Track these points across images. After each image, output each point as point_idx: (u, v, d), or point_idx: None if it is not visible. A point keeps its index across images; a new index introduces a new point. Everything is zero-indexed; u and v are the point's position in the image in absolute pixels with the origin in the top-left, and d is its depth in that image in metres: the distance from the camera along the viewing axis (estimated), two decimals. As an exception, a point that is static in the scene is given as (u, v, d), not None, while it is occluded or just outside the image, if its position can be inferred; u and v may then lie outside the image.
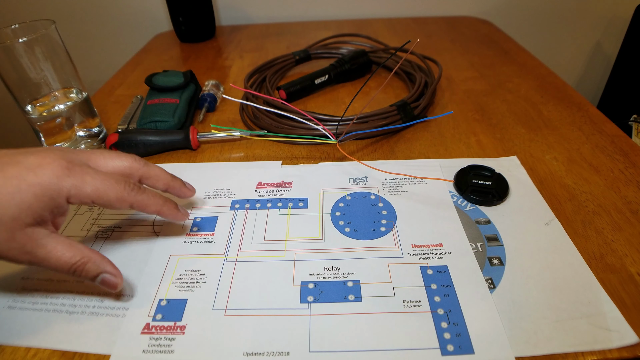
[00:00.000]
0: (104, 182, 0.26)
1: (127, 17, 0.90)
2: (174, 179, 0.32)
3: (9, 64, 0.37)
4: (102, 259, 0.27)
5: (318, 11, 0.89)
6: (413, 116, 0.46)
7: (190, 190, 0.34)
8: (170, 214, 0.30)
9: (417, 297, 0.28)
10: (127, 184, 0.27)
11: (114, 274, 0.27)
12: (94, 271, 0.26)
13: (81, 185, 0.25)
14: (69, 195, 0.25)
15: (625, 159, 0.41)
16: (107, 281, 0.26)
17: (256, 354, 0.25)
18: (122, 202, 0.27)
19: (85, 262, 0.25)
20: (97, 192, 0.26)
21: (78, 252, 0.25)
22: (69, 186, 0.25)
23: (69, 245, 0.25)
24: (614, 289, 0.28)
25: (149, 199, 0.28)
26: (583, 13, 0.89)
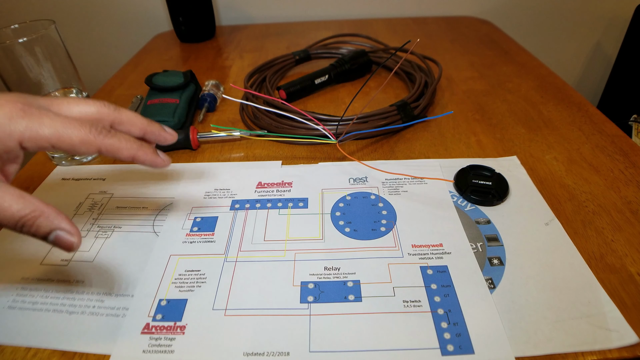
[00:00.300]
0: (65, 124, 0.23)
1: (127, 17, 0.90)
2: (151, 123, 0.28)
3: (9, 64, 0.37)
4: (58, 213, 0.23)
5: (318, 11, 0.89)
6: (413, 116, 0.46)
7: (171, 135, 0.29)
8: (147, 158, 0.26)
9: (417, 297, 0.28)
10: (94, 126, 0.24)
11: (70, 232, 0.23)
12: (46, 227, 0.22)
13: (37, 127, 0.22)
14: (23, 138, 0.22)
15: (625, 159, 0.41)
16: (61, 239, 0.23)
17: (256, 354, 0.25)
18: (88, 146, 0.24)
19: (37, 216, 0.22)
20: (56, 134, 0.23)
21: (29, 204, 0.22)
22: (23, 128, 0.22)
23: (18, 195, 0.22)
24: (614, 289, 0.28)
25: (120, 142, 0.25)
26: (583, 13, 0.89)
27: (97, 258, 0.33)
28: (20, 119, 0.22)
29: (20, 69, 0.38)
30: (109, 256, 0.33)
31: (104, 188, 0.40)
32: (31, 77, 0.39)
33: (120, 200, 0.38)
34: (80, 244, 0.23)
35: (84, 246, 0.34)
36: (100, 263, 0.32)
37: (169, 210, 0.37)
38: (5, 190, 0.22)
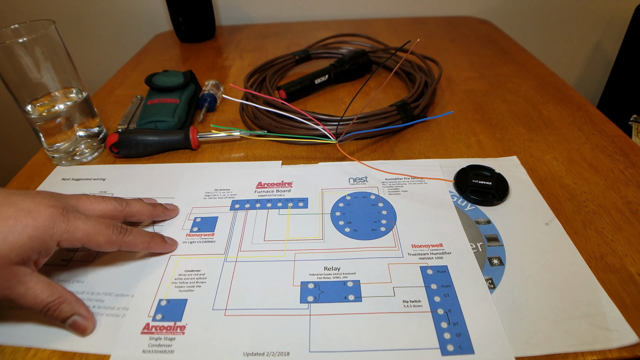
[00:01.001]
0: (95, 227, 0.28)
1: (127, 17, 0.90)
2: (156, 207, 0.34)
3: (9, 64, 0.37)
4: (77, 301, 0.27)
5: (318, 11, 0.89)
6: (413, 116, 0.46)
7: (173, 211, 0.36)
8: (158, 247, 0.32)
9: (417, 297, 0.28)
10: (115, 228, 0.29)
11: (85, 317, 0.27)
12: (67, 312, 0.26)
13: (73, 230, 0.27)
14: (61, 239, 0.26)
15: (625, 159, 0.41)
16: (77, 324, 0.27)
17: (256, 354, 0.25)
18: (111, 245, 0.28)
19: (61, 303, 0.26)
20: (87, 237, 0.27)
21: (55, 292, 0.26)
22: (62, 231, 0.26)
23: (47, 284, 0.26)
24: (614, 289, 0.28)
25: (135, 239, 0.30)
26: (583, 13, 0.89)
27: (97, 258, 0.33)
28: (61, 222, 0.26)
29: (20, 69, 0.38)
30: (109, 256, 0.33)
31: (104, 188, 0.40)
32: (31, 77, 0.39)
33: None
34: (94, 329, 0.27)
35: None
36: (100, 263, 0.32)
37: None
38: (39, 280, 0.26)
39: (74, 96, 0.43)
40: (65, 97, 0.42)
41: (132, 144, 0.43)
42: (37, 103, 0.41)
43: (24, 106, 0.40)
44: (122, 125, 0.49)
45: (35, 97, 0.40)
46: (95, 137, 0.45)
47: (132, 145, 0.43)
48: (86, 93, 0.44)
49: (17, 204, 0.26)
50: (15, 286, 0.25)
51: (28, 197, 0.27)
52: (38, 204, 0.26)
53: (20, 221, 0.25)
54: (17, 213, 0.25)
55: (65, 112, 0.42)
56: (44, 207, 0.26)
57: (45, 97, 0.41)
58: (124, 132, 0.43)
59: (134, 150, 0.43)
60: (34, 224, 0.25)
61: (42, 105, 0.41)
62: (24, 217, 0.25)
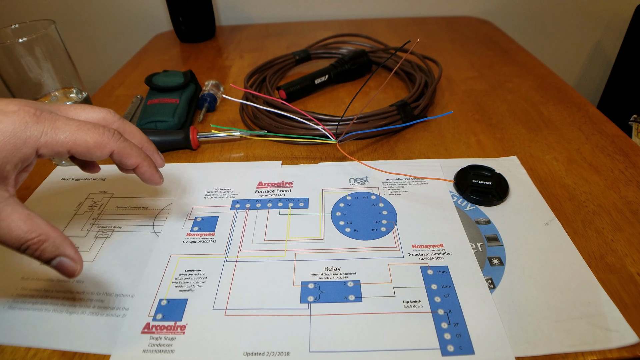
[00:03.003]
0: (80, 127, 0.22)
1: (127, 17, 0.90)
2: (149, 141, 0.29)
3: (9, 64, 0.37)
4: (63, 239, 0.23)
5: (318, 11, 0.89)
6: (413, 116, 0.46)
7: (162, 159, 0.30)
8: (148, 170, 0.27)
9: (418, 298, 0.28)
10: (107, 129, 0.24)
11: (73, 259, 0.23)
12: (51, 253, 0.22)
13: (53, 131, 0.22)
14: (39, 144, 0.21)
15: (625, 159, 0.41)
16: (64, 266, 0.22)
17: (256, 354, 0.25)
18: (102, 148, 0.23)
19: (43, 241, 0.21)
20: (72, 138, 0.22)
21: (36, 227, 0.21)
22: (38, 133, 0.21)
23: (26, 216, 0.21)
24: (614, 289, 0.28)
25: (131, 148, 0.25)
26: (583, 13, 0.89)
27: (97, 258, 0.33)
28: (35, 124, 0.21)
29: (20, 69, 0.38)
30: (109, 256, 0.33)
31: (104, 188, 0.40)
32: (31, 77, 0.39)
33: (120, 200, 0.38)
34: (81, 271, 0.23)
35: (84, 246, 0.34)
36: (100, 263, 0.32)
37: (169, 210, 0.37)
38: (15, 209, 0.21)
39: (74, 96, 0.43)
40: (65, 97, 0.42)
41: (132, 144, 0.43)
42: (37, 103, 0.41)
43: (24, 106, 0.40)
44: (122, 125, 0.49)
45: (35, 97, 0.40)
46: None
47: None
48: (86, 93, 0.44)
49: None
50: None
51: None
52: (5, 106, 0.21)
53: None
54: None
55: (66, 112, 0.41)
56: (13, 109, 0.21)
57: (45, 97, 0.41)
58: (124, 132, 0.43)
59: (134, 150, 0.43)
60: (1, 128, 0.20)
61: (42, 105, 0.41)
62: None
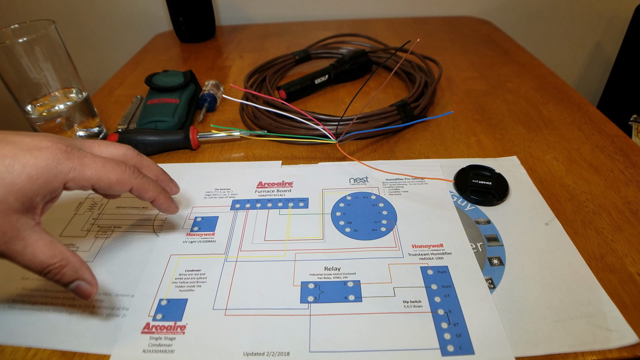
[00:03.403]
0: (105, 165, 0.25)
1: (127, 17, 0.90)
2: (164, 173, 0.32)
3: (9, 64, 0.37)
4: (82, 264, 0.24)
5: (318, 11, 0.89)
6: (413, 116, 0.46)
7: (176, 187, 0.33)
8: (164, 202, 0.29)
9: (418, 298, 0.28)
10: (128, 167, 0.26)
11: (90, 282, 0.25)
12: (70, 277, 0.24)
13: (81, 168, 0.24)
14: (68, 179, 0.24)
15: (625, 159, 0.41)
16: (81, 289, 0.24)
17: (256, 354, 0.25)
18: (123, 185, 0.26)
19: (64, 266, 0.23)
20: (97, 175, 0.24)
21: (58, 253, 0.23)
22: (68, 169, 0.23)
23: (49, 243, 0.23)
24: (614, 289, 0.28)
25: (148, 184, 0.28)
26: (583, 13, 0.89)
27: (97, 258, 0.33)
28: (65, 160, 0.23)
29: (20, 69, 0.38)
30: (109, 256, 0.33)
31: (104, 188, 0.40)
32: (31, 77, 0.39)
33: (120, 200, 0.38)
34: (96, 293, 0.25)
35: (84, 246, 0.34)
36: (100, 263, 0.32)
37: (169, 210, 0.37)
38: (40, 236, 0.23)
39: (74, 96, 0.43)
40: (65, 97, 0.42)
41: (132, 144, 0.43)
42: (37, 103, 0.41)
43: (24, 106, 0.40)
44: (122, 125, 0.49)
45: (35, 97, 0.40)
46: (95, 137, 0.45)
47: (132, 145, 0.43)
48: (86, 93, 0.44)
49: (15, 142, 0.23)
50: (12, 241, 0.22)
51: (28, 136, 0.24)
52: (39, 141, 0.23)
53: (19, 160, 0.22)
54: (15, 151, 0.22)
55: (65, 112, 0.42)
56: (46, 145, 0.23)
57: (45, 97, 0.41)
58: (124, 132, 0.43)
59: (134, 150, 0.43)
60: (35, 163, 0.22)
61: (42, 105, 0.41)
62: (23, 155, 0.22)
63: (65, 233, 0.35)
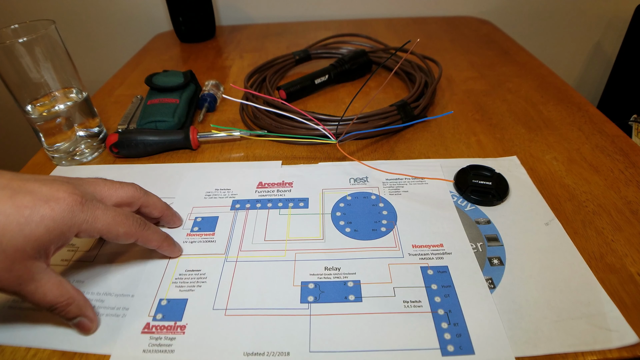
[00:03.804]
0: (115, 218, 0.27)
1: (127, 17, 0.90)
2: (168, 208, 0.34)
3: (9, 64, 0.37)
4: (85, 302, 0.27)
5: (318, 11, 0.89)
6: (413, 116, 0.46)
7: (180, 220, 0.35)
8: (168, 249, 0.31)
9: (418, 298, 0.28)
10: (135, 220, 0.28)
11: (91, 319, 0.27)
12: (74, 314, 0.26)
13: (93, 221, 0.25)
14: (80, 230, 0.25)
15: (625, 159, 0.41)
16: (82, 325, 0.27)
17: (256, 354, 0.25)
18: (129, 237, 0.28)
19: (69, 304, 0.25)
20: (107, 228, 0.26)
21: (65, 293, 0.25)
22: (81, 222, 0.25)
23: (57, 284, 0.25)
24: (614, 289, 0.28)
25: (152, 235, 0.29)
26: (583, 13, 0.89)
27: (97, 258, 0.33)
28: (80, 212, 0.25)
29: (20, 69, 0.38)
30: (109, 256, 0.33)
31: (104, 188, 0.40)
32: (31, 77, 0.39)
33: (120, 200, 0.38)
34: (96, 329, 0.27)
35: (84, 246, 0.34)
36: (100, 263, 0.32)
37: (169, 210, 0.37)
38: (50, 278, 0.25)
39: (74, 96, 0.43)
40: (65, 97, 0.42)
41: (132, 144, 0.43)
42: (37, 103, 0.41)
43: (24, 106, 0.40)
44: (122, 125, 0.49)
45: (35, 97, 0.40)
46: (95, 137, 0.45)
47: (132, 145, 0.43)
48: (86, 93, 0.44)
49: (33, 192, 0.24)
50: (26, 283, 0.24)
51: (45, 184, 0.25)
52: (56, 191, 0.24)
53: (38, 211, 0.23)
54: (34, 202, 0.23)
55: (65, 112, 0.42)
56: (63, 196, 0.24)
57: (45, 97, 0.41)
58: (124, 132, 0.43)
59: (134, 150, 0.43)
60: (52, 215, 0.24)
61: (42, 105, 0.41)
62: (41, 206, 0.23)
63: (65, 233, 0.35)
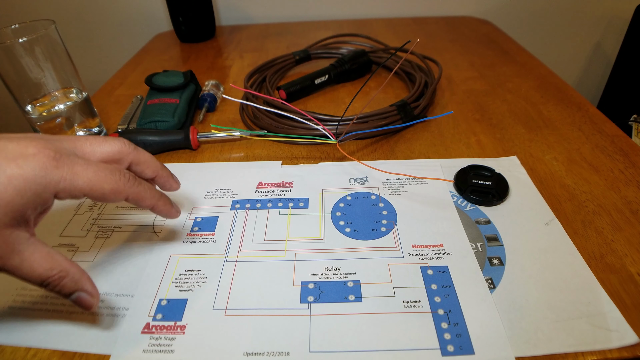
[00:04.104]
0: (98, 173, 0.23)
1: (127, 17, 0.90)
2: (163, 168, 0.30)
3: (9, 64, 0.37)
4: (82, 274, 0.24)
5: (318, 11, 0.89)
6: (413, 116, 0.46)
7: (177, 183, 0.31)
8: (165, 209, 0.28)
9: (418, 298, 0.28)
10: (123, 175, 0.24)
11: (91, 294, 0.24)
12: (70, 288, 0.23)
13: (72, 177, 0.22)
14: (58, 189, 0.22)
15: (625, 159, 0.41)
16: (82, 300, 0.24)
17: (256, 354, 0.25)
18: (118, 194, 0.24)
19: (63, 277, 0.22)
20: (89, 184, 0.23)
21: (56, 264, 0.22)
22: (58, 179, 0.22)
23: (46, 254, 0.22)
24: (614, 289, 0.28)
25: (145, 192, 0.26)
26: (583, 13, 0.89)
27: (97, 258, 0.33)
28: (55, 168, 0.22)
29: (20, 69, 0.38)
30: (109, 256, 0.33)
31: (104, 188, 0.40)
32: (31, 77, 0.39)
33: (120, 200, 0.38)
34: (98, 304, 0.25)
35: (84, 246, 0.34)
36: (100, 263, 0.32)
37: (169, 210, 0.37)
38: (36, 248, 0.22)
39: (74, 96, 0.43)
40: (65, 97, 0.42)
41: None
42: (37, 103, 0.41)
43: (24, 106, 0.40)
44: (122, 125, 0.49)
45: (35, 97, 0.40)
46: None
47: (132, 145, 0.43)
48: (86, 93, 0.44)
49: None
50: (8, 256, 0.21)
51: (12, 141, 0.22)
52: (24, 147, 0.21)
53: (4, 171, 0.20)
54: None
55: (65, 112, 0.42)
56: (33, 153, 0.21)
57: (45, 97, 0.41)
58: (124, 132, 0.43)
59: (134, 150, 0.43)
60: (22, 174, 0.21)
61: (42, 105, 0.41)
62: (7, 166, 0.21)
63: (65, 233, 0.35)
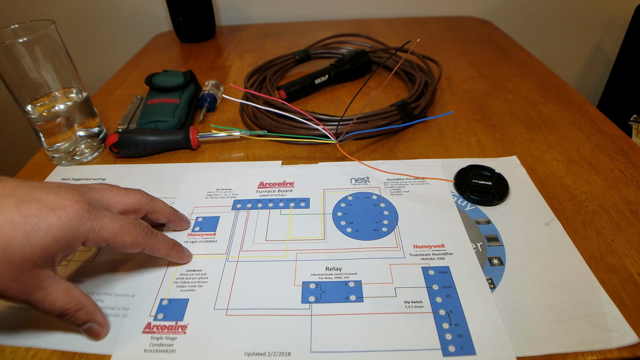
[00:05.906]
0: (122, 227, 0.26)
1: (127, 17, 0.90)
2: (175, 212, 0.34)
3: (9, 64, 0.37)
4: (94, 307, 0.26)
5: (318, 11, 0.89)
6: (413, 116, 0.46)
7: (187, 222, 0.35)
8: (177, 256, 0.31)
9: (419, 298, 0.28)
10: (142, 229, 0.28)
11: (101, 324, 0.27)
12: (84, 319, 0.26)
13: (100, 229, 0.25)
14: (87, 238, 0.25)
15: (625, 159, 0.41)
16: (92, 330, 0.26)
17: (257, 354, 0.25)
18: (136, 246, 0.27)
19: (78, 310, 0.25)
20: (114, 237, 0.26)
21: (74, 299, 0.25)
22: (88, 230, 0.25)
23: (66, 290, 0.25)
24: (614, 289, 0.28)
25: (159, 244, 0.29)
26: (583, 13, 0.89)
27: (97, 258, 0.33)
28: (87, 220, 0.25)
29: (20, 69, 0.38)
30: (110, 256, 0.33)
31: (104, 188, 0.40)
32: (31, 77, 0.39)
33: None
34: (107, 334, 0.27)
35: (83, 246, 0.34)
36: (100, 263, 0.32)
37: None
38: (58, 284, 0.25)
39: (74, 96, 0.43)
40: (65, 97, 0.42)
41: (132, 144, 0.43)
42: (37, 103, 0.41)
43: (24, 106, 0.40)
44: (122, 125, 0.49)
45: (35, 97, 0.40)
46: (95, 137, 0.45)
47: (132, 145, 0.43)
48: (86, 93, 0.43)
49: (40, 199, 0.24)
50: (34, 291, 0.24)
51: (51, 192, 0.24)
52: (62, 199, 0.24)
53: (44, 220, 0.23)
54: (41, 210, 0.23)
55: (65, 112, 0.42)
56: (69, 204, 0.24)
57: (45, 97, 0.41)
58: (124, 132, 0.43)
59: (134, 150, 0.43)
60: (59, 224, 0.23)
61: (42, 105, 0.41)
62: (48, 215, 0.23)
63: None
